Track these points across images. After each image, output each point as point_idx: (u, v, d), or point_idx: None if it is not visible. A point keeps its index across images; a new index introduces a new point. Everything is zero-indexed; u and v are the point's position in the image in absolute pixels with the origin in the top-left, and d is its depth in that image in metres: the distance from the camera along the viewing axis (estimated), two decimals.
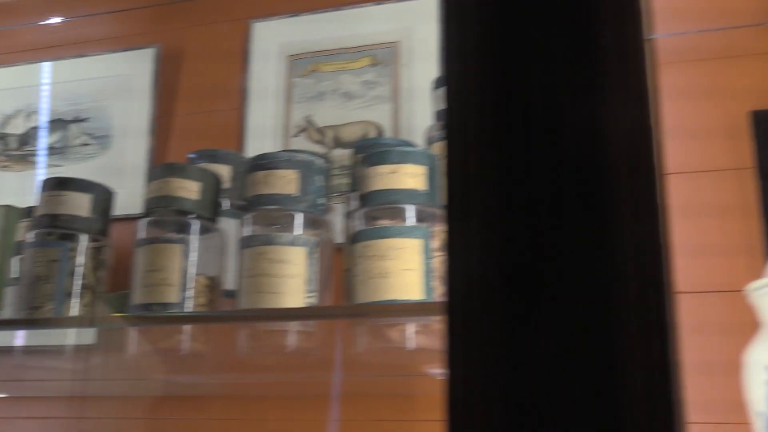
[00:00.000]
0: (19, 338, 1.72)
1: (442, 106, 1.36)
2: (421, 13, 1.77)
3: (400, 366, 1.22)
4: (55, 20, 2.09)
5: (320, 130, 1.78)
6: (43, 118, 2.02)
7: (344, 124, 1.76)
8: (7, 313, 1.42)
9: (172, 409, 1.52)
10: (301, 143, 1.77)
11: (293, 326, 1.16)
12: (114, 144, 1.93)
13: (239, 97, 1.86)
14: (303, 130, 1.79)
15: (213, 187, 1.27)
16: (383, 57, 1.78)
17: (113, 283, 1.36)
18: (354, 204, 1.33)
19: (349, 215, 1.31)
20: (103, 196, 1.34)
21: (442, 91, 1.36)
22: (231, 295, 1.34)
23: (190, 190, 1.23)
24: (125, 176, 1.84)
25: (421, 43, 1.75)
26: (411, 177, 1.13)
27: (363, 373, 1.22)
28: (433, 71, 1.71)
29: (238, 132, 1.83)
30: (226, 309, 1.30)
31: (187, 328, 1.21)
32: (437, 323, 1.12)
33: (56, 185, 1.32)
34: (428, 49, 1.74)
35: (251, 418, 1.45)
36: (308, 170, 1.20)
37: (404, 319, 1.10)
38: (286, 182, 1.18)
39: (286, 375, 1.28)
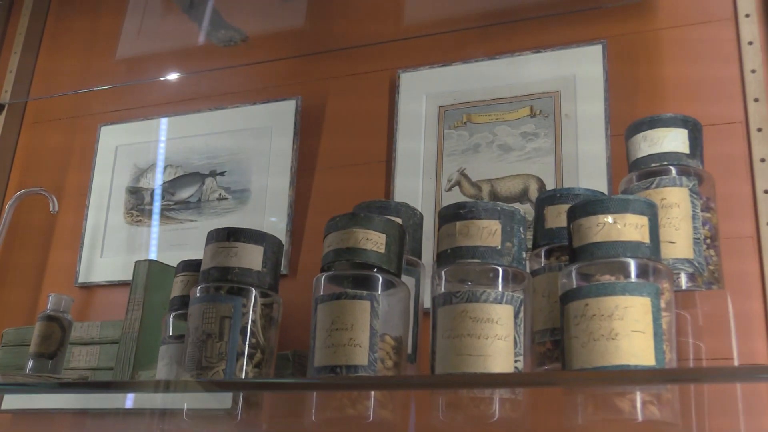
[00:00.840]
0: (130, 399, 1.63)
1: (638, 155, 1.25)
2: (582, 60, 1.67)
3: None
4: (195, 73, 2.05)
5: (476, 184, 1.67)
6: (177, 172, 1.97)
7: (502, 178, 1.66)
8: (163, 374, 1.33)
9: None
10: (454, 198, 1.67)
11: (499, 393, 1.04)
12: (252, 198, 1.86)
13: (386, 150, 1.78)
14: (456, 183, 1.69)
15: (398, 239, 1.17)
16: (542, 107, 1.68)
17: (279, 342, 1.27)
18: (542, 258, 1.22)
19: (541, 269, 1.20)
20: (273, 249, 1.25)
21: (638, 138, 1.25)
22: (410, 359, 1.23)
23: (376, 242, 1.14)
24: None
25: (583, 92, 1.65)
26: (634, 228, 1.01)
27: None
28: (597, 121, 1.61)
29: (385, 186, 1.75)
30: (410, 373, 1.19)
31: (375, 393, 1.10)
32: (668, 392, 0.99)
33: (226, 236, 1.23)
34: (591, 99, 1.63)
35: None
36: (511, 221, 1.09)
37: (635, 388, 0.97)
38: (488, 233, 1.08)
39: None
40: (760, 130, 1.49)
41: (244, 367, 1.18)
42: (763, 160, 1.46)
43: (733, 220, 1.42)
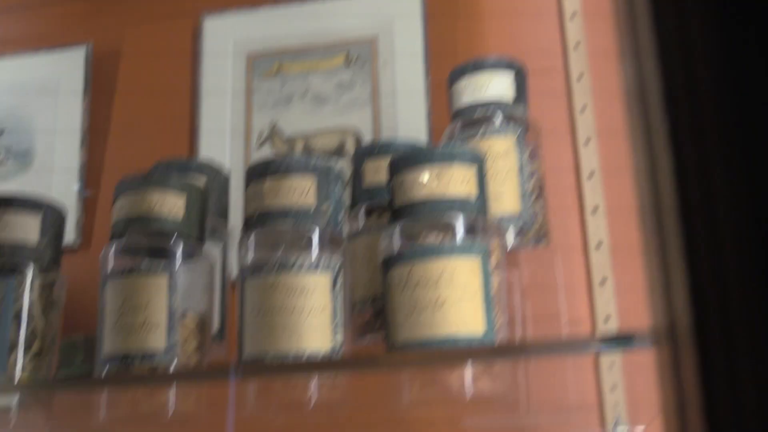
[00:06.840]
0: None
1: (462, 103, 1.16)
2: (400, 6, 1.56)
3: (450, 418, 0.99)
4: None
5: (288, 140, 1.54)
6: None
7: (317, 132, 1.53)
8: None
9: None
10: (265, 154, 1.53)
11: (317, 376, 0.92)
12: (37, 159, 1.64)
13: (189, 102, 1.60)
14: (267, 139, 1.55)
15: (199, 202, 1.02)
16: (359, 54, 1.55)
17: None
18: (361, 218, 1.11)
19: (360, 231, 1.08)
20: (53, 218, 1.07)
21: (461, 85, 1.15)
22: (218, 336, 1.10)
23: (173, 206, 0.98)
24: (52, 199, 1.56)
25: (402, 38, 1.54)
26: (460, 182, 0.91)
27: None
28: (418, 68, 1.51)
29: (188, 142, 1.58)
30: (216, 353, 1.05)
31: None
32: (501, 364, 0.90)
33: None
34: (411, 45, 1.53)
35: None
36: (326, 178, 0.97)
37: (465, 362, 0.87)
38: (300, 193, 0.95)
39: None
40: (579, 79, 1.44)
41: (20, 360, 1.00)
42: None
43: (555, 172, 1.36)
